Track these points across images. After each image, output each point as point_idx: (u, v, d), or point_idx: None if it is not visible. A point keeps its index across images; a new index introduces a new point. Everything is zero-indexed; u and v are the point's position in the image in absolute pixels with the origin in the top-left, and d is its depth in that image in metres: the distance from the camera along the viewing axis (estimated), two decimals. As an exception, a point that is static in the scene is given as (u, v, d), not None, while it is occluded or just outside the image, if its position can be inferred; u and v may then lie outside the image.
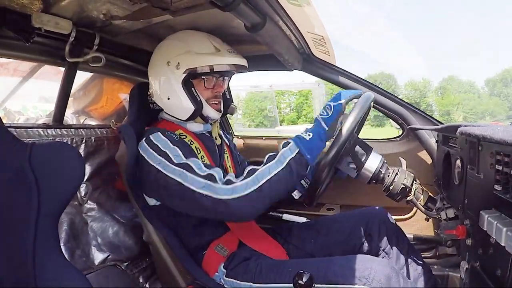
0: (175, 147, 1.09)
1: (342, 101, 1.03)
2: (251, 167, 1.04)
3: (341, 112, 1.03)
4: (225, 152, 1.39)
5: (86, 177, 1.42)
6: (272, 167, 1.00)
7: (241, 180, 1.00)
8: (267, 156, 1.07)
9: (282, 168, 0.99)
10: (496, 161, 0.71)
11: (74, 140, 1.39)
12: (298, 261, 1.15)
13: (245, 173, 1.03)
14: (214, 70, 1.21)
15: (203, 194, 0.99)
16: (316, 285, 0.88)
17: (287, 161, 0.99)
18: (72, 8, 1.08)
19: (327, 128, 1.01)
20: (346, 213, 1.37)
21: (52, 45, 1.24)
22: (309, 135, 1.02)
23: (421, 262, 1.28)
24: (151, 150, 1.10)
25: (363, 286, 0.94)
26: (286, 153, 1.01)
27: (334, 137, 1.05)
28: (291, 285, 0.85)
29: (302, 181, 1.33)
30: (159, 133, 1.13)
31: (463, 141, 0.93)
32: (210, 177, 1.00)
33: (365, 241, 1.30)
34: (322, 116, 1.03)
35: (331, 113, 1.02)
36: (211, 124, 1.33)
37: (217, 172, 1.03)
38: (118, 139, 1.40)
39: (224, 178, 1.03)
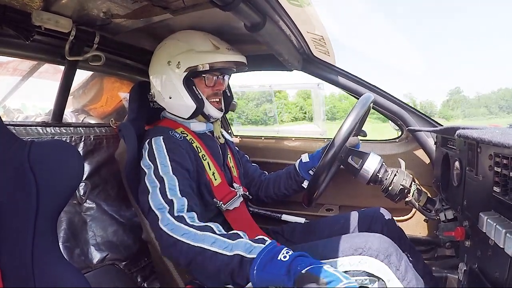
0: (167, 156, 1.08)
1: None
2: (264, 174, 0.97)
3: None
4: (228, 152, 1.39)
5: (85, 176, 1.41)
6: (220, 244, 0.86)
7: (192, 225, 0.91)
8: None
9: (225, 254, 0.84)
10: (495, 163, 0.71)
11: (73, 139, 1.38)
12: (298, 246, 1.15)
13: (203, 225, 0.92)
14: (215, 68, 1.23)
15: (155, 214, 0.97)
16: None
17: (235, 253, 0.83)
18: (72, 6, 1.07)
19: (294, 274, 0.75)
20: (348, 214, 1.37)
21: (52, 44, 1.24)
22: (285, 257, 0.78)
23: (422, 264, 1.28)
24: (147, 153, 1.11)
25: (359, 256, 0.96)
26: (245, 246, 0.83)
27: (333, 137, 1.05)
28: None
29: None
30: (161, 137, 1.14)
31: (462, 143, 0.93)
32: (170, 204, 0.97)
33: None
34: (310, 269, 0.75)
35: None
36: (212, 123, 1.34)
37: (180, 203, 0.97)
38: (117, 137, 1.39)
39: (183, 210, 0.96)
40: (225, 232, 0.90)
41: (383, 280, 0.94)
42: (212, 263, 0.85)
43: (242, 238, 0.86)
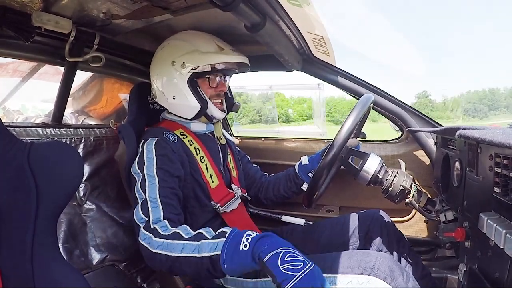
0: (154, 165, 1.08)
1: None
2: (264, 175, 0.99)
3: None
4: (228, 153, 1.39)
5: (85, 177, 1.41)
6: (188, 248, 0.89)
7: (164, 235, 0.94)
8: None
9: (195, 256, 0.88)
10: (495, 164, 0.71)
11: (73, 140, 1.38)
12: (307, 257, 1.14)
13: (173, 232, 0.94)
14: (220, 68, 1.23)
15: (137, 226, 1.01)
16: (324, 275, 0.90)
17: (201, 255, 0.87)
18: (72, 7, 1.07)
19: (261, 259, 0.78)
20: (348, 216, 1.37)
21: (52, 45, 1.24)
22: (245, 246, 0.81)
23: (421, 266, 1.28)
24: (137, 159, 1.12)
25: (368, 276, 0.95)
26: (207, 245, 0.87)
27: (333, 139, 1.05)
28: None
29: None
30: (153, 142, 1.13)
31: (462, 144, 0.93)
32: (148, 217, 1.00)
33: (366, 243, 1.30)
34: (268, 259, 0.77)
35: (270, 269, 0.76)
36: (213, 124, 1.34)
37: (155, 216, 1.00)
38: (117, 139, 1.39)
39: (158, 221, 0.99)
40: (192, 233, 0.93)
41: None
42: (188, 266, 0.89)
43: (206, 237, 0.89)
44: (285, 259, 0.76)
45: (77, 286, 0.80)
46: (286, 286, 0.72)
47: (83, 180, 1.41)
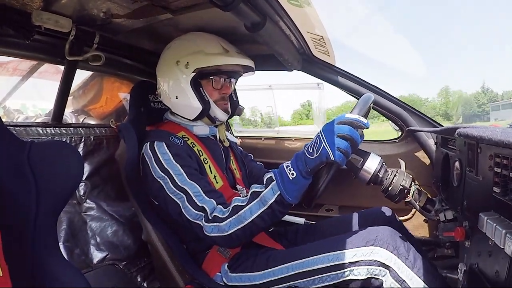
0: (177, 164, 1.10)
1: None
2: (267, 173, 1.06)
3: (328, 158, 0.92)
4: (230, 155, 1.39)
5: (85, 176, 1.41)
6: (254, 208, 1.00)
7: (226, 216, 1.02)
8: (252, 190, 1.04)
9: (264, 210, 0.99)
10: (495, 164, 0.71)
11: (73, 139, 1.38)
12: (311, 245, 1.15)
13: (231, 208, 1.03)
14: (223, 70, 1.23)
15: (196, 224, 1.06)
16: (328, 254, 1.01)
17: (268, 204, 0.99)
18: (72, 6, 1.08)
19: (309, 170, 0.95)
20: (350, 215, 1.37)
21: (52, 43, 1.24)
22: (293, 174, 0.96)
23: (427, 261, 1.28)
24: (154, 163, 1.12)
25: (372, 246, 0.99)
26: (268, 194, 0.99)
27: None
28: (308, 259, 1.03)
29: None
30: (163, 144, 1.14)
31: (462, 143, 0.93)
32: (203, 211, 1.05)
33: None
34: (308, 154, 0.95)
35: (316, 156, 0.94)
36: (216, 126, 1.33)
37: (210, 206, 1.05)
38: (117, 138, 1.39)
39: (214, 210, 1.05)
40: (246, 197, 1.03)
41: (393, 269, 0.97)
42: (263, 221, 1.00)
43: (259, 191, 1.01)
44: (311, 151, 0.94)
45: (77, 285, 0.80)
46: (335, 153, 0.91)
47: (83, 179, 1.41)
